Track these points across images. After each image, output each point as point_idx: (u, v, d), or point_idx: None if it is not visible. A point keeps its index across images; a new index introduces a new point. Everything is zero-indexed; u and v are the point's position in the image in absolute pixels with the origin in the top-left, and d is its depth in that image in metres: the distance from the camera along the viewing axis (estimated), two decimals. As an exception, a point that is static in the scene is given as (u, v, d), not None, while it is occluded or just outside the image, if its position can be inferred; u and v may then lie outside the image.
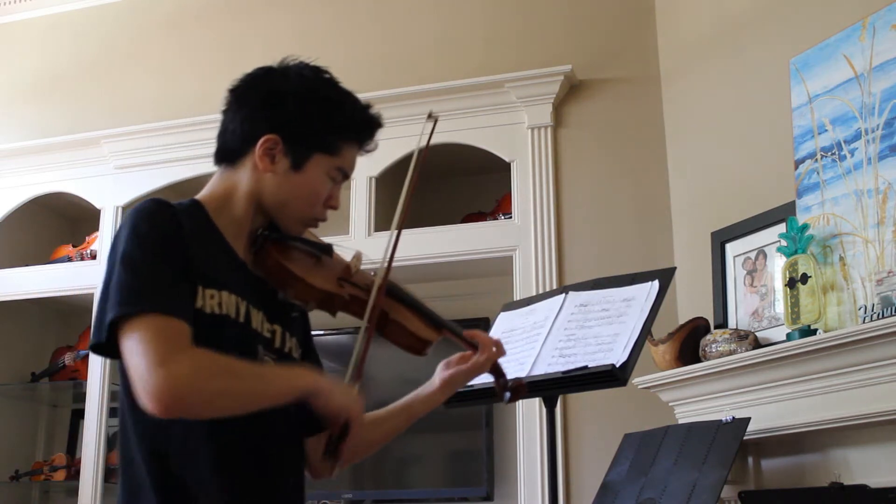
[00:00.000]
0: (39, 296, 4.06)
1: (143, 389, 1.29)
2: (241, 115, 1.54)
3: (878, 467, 2.38)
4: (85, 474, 3.71)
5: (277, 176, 1.51)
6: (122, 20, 4.42)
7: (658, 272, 2.20)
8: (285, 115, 1.51)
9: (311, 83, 1.56)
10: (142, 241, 1.38)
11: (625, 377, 2.00)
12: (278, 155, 1.51)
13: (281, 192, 1.51)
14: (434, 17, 3.91)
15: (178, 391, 1.29)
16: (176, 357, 1.30)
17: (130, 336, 1.31)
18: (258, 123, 1.51)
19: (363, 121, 1.57)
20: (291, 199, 1.52)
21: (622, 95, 3.54)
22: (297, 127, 1.51)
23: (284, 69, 1.57)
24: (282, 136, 1.50)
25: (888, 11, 2.52)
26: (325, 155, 1.53)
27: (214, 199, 1.53)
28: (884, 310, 2.32)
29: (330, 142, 1.53)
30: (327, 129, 1.53)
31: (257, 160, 1.51)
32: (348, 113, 1.55)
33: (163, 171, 3.95)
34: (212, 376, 1.33)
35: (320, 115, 1.53)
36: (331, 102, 1.55)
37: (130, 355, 1.31)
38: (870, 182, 2.49)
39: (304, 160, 1.52)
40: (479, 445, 3.50)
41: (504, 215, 3.60)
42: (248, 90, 1.56)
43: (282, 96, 1.53)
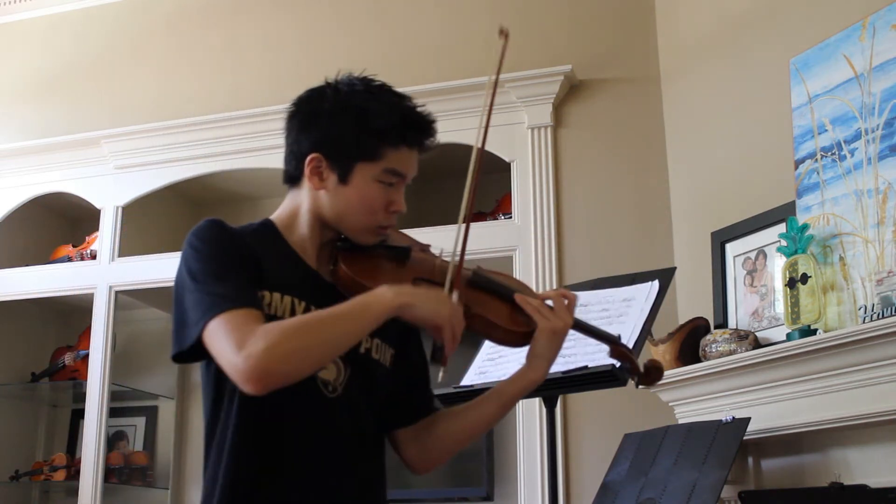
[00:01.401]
0: (39, 296, 4.06)
1: (236, 377, 1.38)
2: (290, 139, 1.62)
3: (878, 467, 2.38)
4: (85, 474, 3.71)
5: (329, 192, 1.58)
6: (122, 20, 4.42)
7: (658, 272, 2.20)
8: (321, 133, 1.57)
9: (344, 96, 1.59)
10: (199, 255, 1.49)
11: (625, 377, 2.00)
12: (325, 171, 1.57)
13: (336, 206, 1.58)
14: (434, 18, 3.91)
15: (262, 366, 1.36)
16: (249, 338, 1.37)
17: (211, 339, 1.41)
18: (302, 145, 1.59)
19: (402, 121, 1.59)
20: (347, 212, 1.58)
21: (622, 95, 3.54)
22: (333, 142, 1.57)
23: (325, 87, 1.62)
24: (323, 153, 1.57)
25: (888, 11, 2.52)
26: (368, 162, 1.57)
27: (283, 218, 1.62)
28: (884, 310, 2.32)
29: (369, 148, 1.56)
30: (362, 138, 1.56)
31: (308, 179, 1.58)
32: (382, 117, 1.57)
33: (163, 171, 3.95)
34: (286, 339, 1.38)
35: (352, 125, 1.56)
36: (361, 110, 1.57)
37: (217, 355, 1.41)
38: (870, 182, 2.49)
39: (348, 172, 1.57)
40: (479, 445, 3.50)
41: (504, 215, 3.59)
42: (294, 114, 1.63)
43: (317, 115, 1.59)
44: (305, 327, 1.43)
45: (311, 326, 1.43)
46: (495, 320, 1.60)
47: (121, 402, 4.01)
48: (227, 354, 1.38)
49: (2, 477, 4.07)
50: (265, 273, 1.51)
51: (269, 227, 1.61)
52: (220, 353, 1.40)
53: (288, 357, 1.39)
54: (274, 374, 1.38)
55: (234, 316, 1.40)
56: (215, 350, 1.41)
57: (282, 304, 1.51)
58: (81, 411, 3.87)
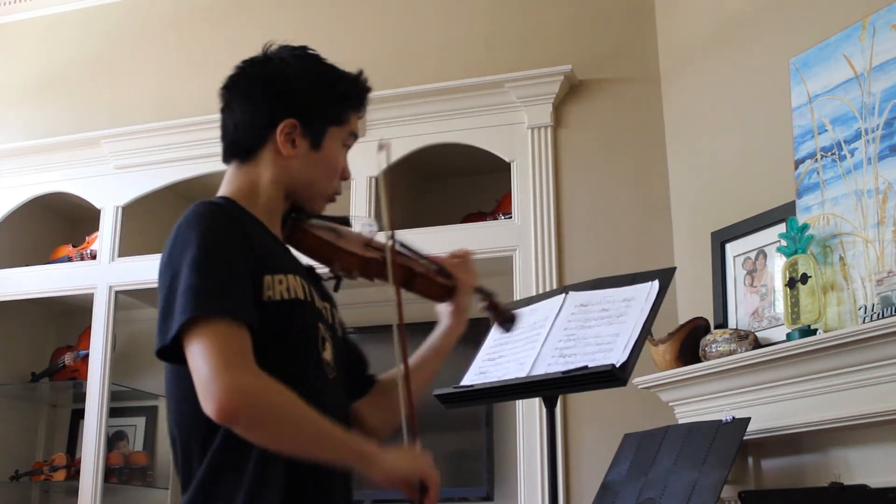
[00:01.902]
0: (39, 296, 4.06)
1: (205, 392, 1.30)
2: (248, 108, 1.57)
3: (878, 467, 2.38)
4: (85, 474, 3.71)
5: (300, 159, 1.55)
6: (123, 20, 4.42)
7: (658, 272, 2.20)
8: (295, 98, 1.55)
9: (308, 63, 1.59)
10: (205, 242, 1.39)
11: (625, 377, 2.00)
12: (298, 138, 1.55)
13: (307, 172, 1.56)
14: (434, 18, 3.91)
15: (240, 401, 1.30)
16: (243, 368, 1.32)
17: (196, 340, 1.32)
18: (272, 112, 1.54)
19: (360, 87, 1.63)
20: (317, 178, 1.57)
21: (622, 95, 3.54)
22: (309, 107, 1.56)
23: (274, 55, 1.60)
24: (298, 120, 1.54)
25: (888, 11, 2.52)
26: (337, 126, 1.59)
27: (242, 193, 1.55)
28: (884, 310, 2.32)
29: (339, 113, 1.59)
30: (334, 102, 1.58)
31: (280, 147, 1.54)
32: (347, 82, 1.61)
33: (163, 171, 3.95)
34: (279, 405, 1.33)
35: (326, 89, 1.57)
36: (331, 76, 1.59)
37: (194, 358, 1.32)
38: (870, 182, 2.49)
39: (321, 137, 1.57)
40: (479, 445, 3.50)
41: (504, 215, 3.60)
42: (248, 83, 1.59)
43: (286, 80, 1.56)
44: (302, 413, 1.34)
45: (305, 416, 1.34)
46: (434, 278, 1.66)
47: (121, 402, 4.01)
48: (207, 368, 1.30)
49: (2, 477, 4.07)
50: (265, 254, 1.45)
51: (236, 205, 1.51)
52: (201, 361, 1.31)
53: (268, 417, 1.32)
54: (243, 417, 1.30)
55: (232, 331, 1.33)
56: (195, 353, 1.32)
57: (297, 284, 1.46)
58: (81, 411, 3.87)
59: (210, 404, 1.30)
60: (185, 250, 1.39)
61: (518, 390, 2.20)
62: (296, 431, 1.35)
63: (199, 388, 1.31)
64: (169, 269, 1.40)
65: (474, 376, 2.22)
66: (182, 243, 1.40)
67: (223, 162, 1.61)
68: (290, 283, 1.45)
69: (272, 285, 1.43)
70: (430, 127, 3.63)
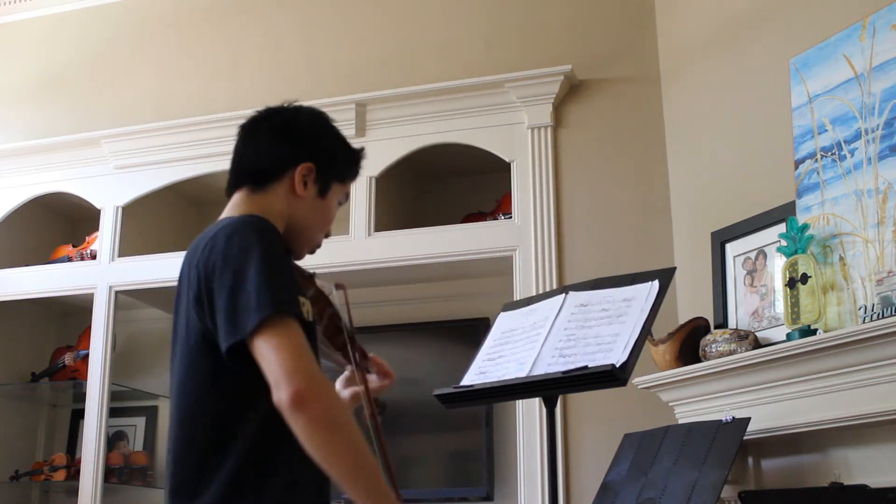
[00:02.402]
0: (39, 296, 4.06)
1: (285, 379, 1.38)
2: (276, 142, 1.71)
3: (878, 467, 2.38)
4: (85, 474, 3.71)
5: (307, 202, 1.70)
6: (123, 20, 4.42)
7: (658, 272, 2.20)
8: (321, 148, 1.73)
9: (328, 123, 1.79)
10: (270, 249, 1.50)
11: (625, 377, 2.00)
12: (310, 182, 1.70)
13: (308, 216, 1.71)
14: (434, 18, 3.91)
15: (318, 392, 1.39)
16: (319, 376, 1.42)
17: (274, 334, 1.41)
18: (298, 152, 1.70)
19: (361, 158, 1.83)
20: (314, 223, 1.73)
21: (622, 95, 3.54)
22: (327, 159, 1.73)
23: (302, 108, 1.78)
24: (316, 166, 1.70)
25: (888, 11, 2.52)
26: (339, 184, 1.77)
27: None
28: (884, 310, 2.32)
29: (345, 173, 1.78)
30: (344, 163, 1.78)
31: (296, 185, 1.68)
32: (356, 153, 1.81)
33: (163, 171, 3.95)
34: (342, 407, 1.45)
35: (343, 150, 1.78)
36: (347, 144, 1.80)
37: (273, 350, 1.40)
38: (870, 182, 2.49)
39: (328, 188, 1.73)
40: (479, 445, 3.50)
41: (504, 215, 3.59)
42: (280, 122, 1.74)
43: (315, 130, 1.75)
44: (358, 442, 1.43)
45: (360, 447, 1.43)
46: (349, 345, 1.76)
47: (121, 402, 4.01)
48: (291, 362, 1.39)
49: (2, 477, 4.07)
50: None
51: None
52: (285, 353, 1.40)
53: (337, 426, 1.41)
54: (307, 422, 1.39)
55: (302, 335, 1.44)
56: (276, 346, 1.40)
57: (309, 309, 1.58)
58: (81, 411, 3.87)
59: (288, 390, 1.37)
60: (248, 252, 1.48)
61: (518, 390, 2.20)
62: (348, 444, 1.42)
63: (277, 376, 1.39)
64: (229, 269, 1.48)
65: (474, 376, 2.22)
66: (243, 245, 1.49)
67: (230, 187, 1.72)
68: (309, 307, 1.57)
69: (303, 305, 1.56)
70: (430, 127, 3.63)
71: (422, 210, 3.90)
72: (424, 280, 3.70)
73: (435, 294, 3.74)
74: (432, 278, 3.69)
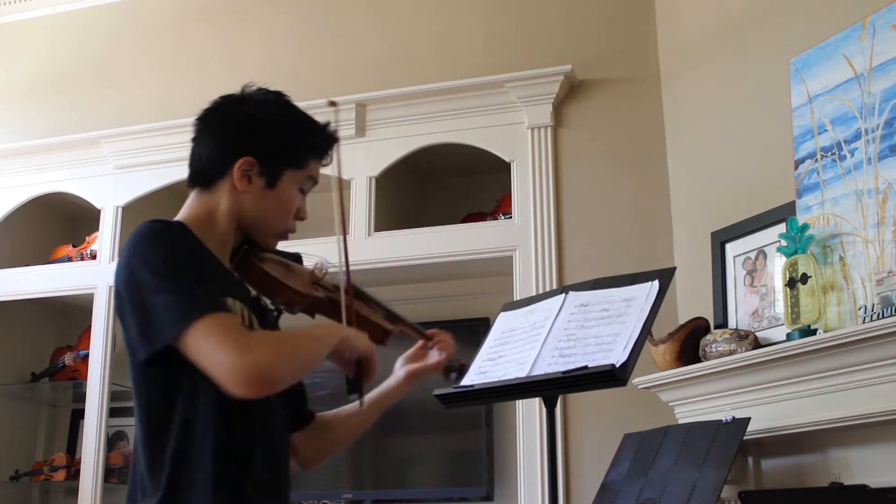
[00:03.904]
0: (39, 296, 4.06)
1: (232, 378, 1.42)
2: (215, 141, 1.68)
3: (878, 467, 2.38)
4: (85, 474, 3.71)
5: (254, 195, 1.65)
6: (123, 20, 4.42)
7: (658, 272, 2.19)
8: (259, 140, 1.66)
9: (277, 107, 1.70)
10: (167, 258, 1.49)
11: (625, 377, 2.00)
12: (254, 176, 1.64)
13: (259, 209, 1.65)
14: (434, 17, 3.91)
15: (266, 371, 1.43)
16: (251, 343, 1.44)
17: (199, 340, 1.43)
18: (234, 149, 1.65)
19: (326, 138, 1.73)
20: (268, 215, 1.67)
21: (622, 95, 3.54)
22: (270, 149, 1.66)
23: (250, 96, 1.71)
24: (257, 158, 1.64)
25: (888, 11, 2.52)
26: (294, 170, 1.68)
27: (197, 220, 1.64)
28: (884, 310, 2.32)
29: (300, 158, 1.69)
30: (296, 147, 1.69)
31: (235, 182, 1.64)
32: (313, 132, 1.71)
33: (163, 171, 3.95)
34: (285, 351, 1.50)
35: (290, 136, 1.68)
36: (297, 124, 1.70)
37: (207, 355, 1.43)
38: (870, 182, 2.49)
39: (277, 178, 1.66)
40: (479, 445, 3.50)
41: (504, 215, 3.60)
42: (219, 118, 1.70)
43: (254, 122, 1.67)
44: (295, 341, 1.53)
45: (298, 342, 1.53)
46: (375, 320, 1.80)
47: (121, 402, 4.01)
48: (224, 356, 1.41)
49: (2, 477, 4.07)
50: (220, 278, 1.57)
51: (188, 230, 1.61)
52: (216, 353, 1.41)
53: (286, 366, 1.49)
54: (274, 380, 1.47)
55: (226, 318, 1.45)
56: (208, 350, 1.42)
57: (241, 310, 1.55)
58: (81, 411, 3.87)
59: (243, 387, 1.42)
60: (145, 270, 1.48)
61: (518, 390, 2.20)
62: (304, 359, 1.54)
63: (223, 379, 1.42)
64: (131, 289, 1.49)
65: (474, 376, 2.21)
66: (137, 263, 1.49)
67: (188, 186, 1.71)
68: (237, 308, 1.54)
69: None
70: (430, 127, 3.63)
71: (422, 210, 3.90)
72: (424, 280, 3.70)
73: (435, 294, 3.74)
74: (432, 278, 3.69)
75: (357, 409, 1.81)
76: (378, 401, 1.87)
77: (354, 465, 3.60)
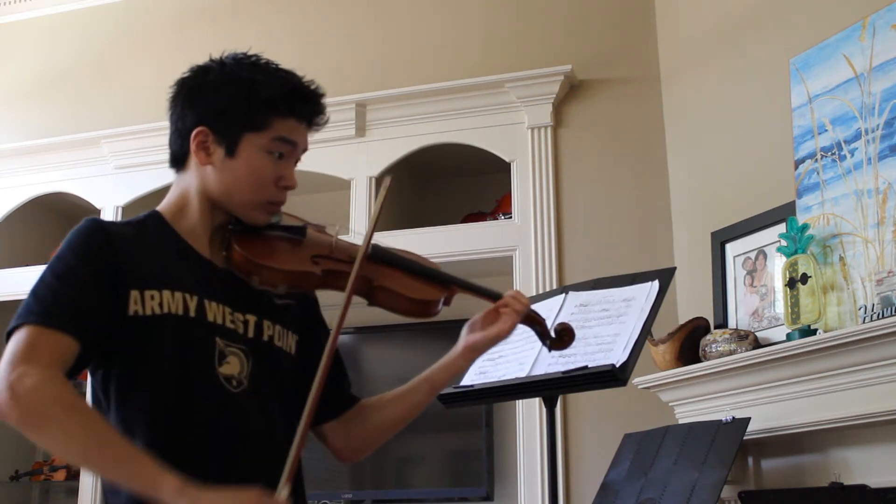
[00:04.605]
0: (39, 296, 4.05)
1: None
2: (174, 116, 1.58)
3: (878, 467, 2.38)
4: (85, 474, 3.71)
5: (216, 167, 1.52)
6: (123, 20, 4.42)
7: (658, 272, 2.19)
8: (206, 105, 1.53)
9: (230, 69, 1.56)
10: (62, 257, 1.45)
11: (625, 377, 2.00)
12: (212, 146, 1.51)
13: (224, 181, 1.52)
14: (434, 17, 3.91)
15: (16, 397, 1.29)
16: (32, 365, 1.30)
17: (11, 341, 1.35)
18: (186, 120, 1.54)
19: (290, 92, 1.55)
20: (235, 186, 1.51)
21: (622, 95, 3.54)
22: (219, 113, 1.52)
23: (210, 63, 1.60)
24: (209, 126, 1.51)
25: (888, 11, 2.52)
26: (255, 133, 1.51)
27: (171, 206, 1.56)
28: (884, 310, 2.32)
29: (257, 118, 1.51)
30: (250, 107, 1.51)
31: (193, 155, 1.53)
32: (269, 87, 1.53)
33: (163, 172, 3.86)
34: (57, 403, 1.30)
35: (239, 96, 1.52)
36: (248, 82, 1.53)
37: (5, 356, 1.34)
38: (870, 182, 2.49)
39: (235, 144, 1.51)
40: (479, 445, 3.50)
41: (504, 215, 3.60)
42: (177, 92, 1.59)
43: (201, 89, 1.55)
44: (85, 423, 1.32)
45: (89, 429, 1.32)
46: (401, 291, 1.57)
47: (121, 402, 4.01)
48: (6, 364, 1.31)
49: (2, 477, 4.07)
50: (139, 271, 1.44)
51: (157, 219, 1.54)
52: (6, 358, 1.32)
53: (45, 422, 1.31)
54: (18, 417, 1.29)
55: (42, 335, 1.34)
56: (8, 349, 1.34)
57: (173, 300, 1.44)
58: (81, 411, 3.86)
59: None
60: (54, 257, 1.46)
61: (518, 390, 2.20)
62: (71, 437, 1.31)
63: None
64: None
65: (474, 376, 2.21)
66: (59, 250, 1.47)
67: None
68: (165, 298, 1.43)
69: (140, 300, 1.42)
70: (430, 127, 3.63)
71: (422, 210, 3.90)
72: (424, 280, 3.69)
73: (435, 294, 3.74)
74: (432, 278, 3.68)
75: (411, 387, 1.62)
76: (431, 378, 1.63)
77: (354, 465, 3.60)
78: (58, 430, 1.31)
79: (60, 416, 1.31)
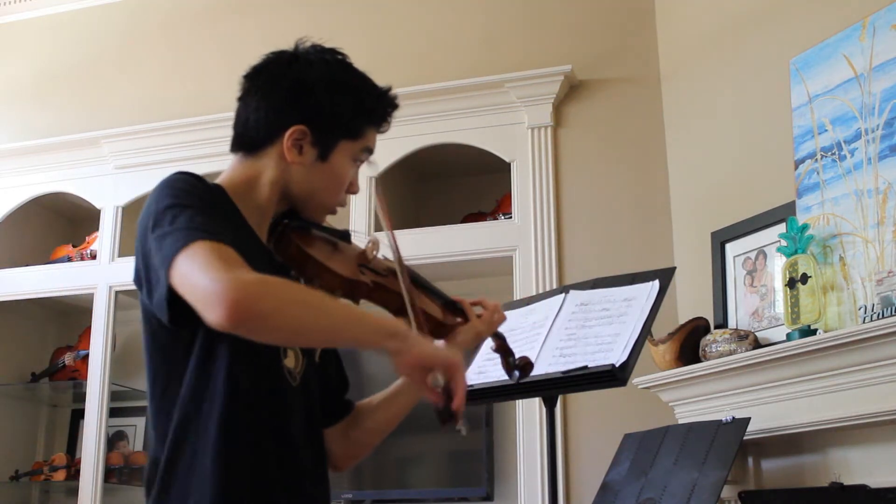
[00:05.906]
0: (39, 296, 4.06)
1: (208, 300, 1.21)
2: (265, 104, 1.51)
3: (878, 467, 2.38)
4: (85, 474, 3.71)
5: (305, 166, 1.49)
6: (122, 20, 4.42)
7: (658, 272, 2.19)
8: (315, 107, 1.49)
9: (335, 70, 1.53)
10: (179, 192, 1.36)
11: (625, 377, 2.00)
12: (306, 146, 1.48)
13: (309, 182, 1.50)
14: (434, 17, 3.91)
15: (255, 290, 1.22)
16: (235, 267, 1.23)
17: (183, 264, 1.24)
18: (286, 114, 1.49)
19: (386, 104, 1.57)
20: (319, 189, 1.51)
21: (622, 95, 3.54)
22: (325, 118, 1.49)
23: (305, 55, 1.53)
24: (310, 127, 1.48)
25: (888, 11, 2.52)
26: (350, 141, 1.52)
27: (237, 185, 1.49)
28: (884, 310, 2.32)
29: (355, 127, 1.52)
30: (353, 116, 1.52)
31: (285, 151, 1.48)
32: (373, 98, 1.55)
33: (163, 172, 3.83)
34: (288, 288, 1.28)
35: (348, 103, 1.51)
36: (357, 90, 1.53)
37: (188, 279, 1.24)
38: (870, 182, 2.49)
39: (331, 149, 1.50)
40: (479, 445, 3.49)
41: (504, 215, 3.59)
42: (269, 79, 1.53)
43: (309, 86, 1.50)
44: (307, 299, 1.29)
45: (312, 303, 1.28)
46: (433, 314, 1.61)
47: (121, 402, 4.01)
48: (205, 276, 1.21)
49: (2, 477, 4.07)
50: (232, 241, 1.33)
51: (225, 193, 1.47)
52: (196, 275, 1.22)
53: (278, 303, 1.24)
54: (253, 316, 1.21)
55: (222, 247, 1.25)
56: (186, 275, 1.23)
57: None
58: (81, 411, 3.87)
59: (219, 307, 1.20)
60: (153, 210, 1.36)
61: (518, 390, 2.20)
62: (317, 312, 1.28)
63: (202, 301, 1.22)
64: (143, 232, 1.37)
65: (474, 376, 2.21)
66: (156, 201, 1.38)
67: (231, 150, 1.56)
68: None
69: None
70: (430, 127, 3.63)
71: (422, 210, 3.90)
72: (424, 280, 3.69)
73: (435, 294, 3.74)
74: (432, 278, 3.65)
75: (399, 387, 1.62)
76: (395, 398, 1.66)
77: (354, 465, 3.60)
78: (303, 310, 1.27)
79: (299, 297, 1.28)
